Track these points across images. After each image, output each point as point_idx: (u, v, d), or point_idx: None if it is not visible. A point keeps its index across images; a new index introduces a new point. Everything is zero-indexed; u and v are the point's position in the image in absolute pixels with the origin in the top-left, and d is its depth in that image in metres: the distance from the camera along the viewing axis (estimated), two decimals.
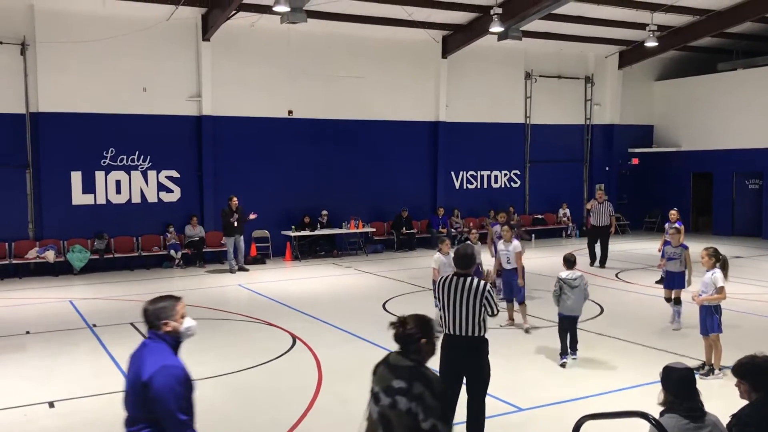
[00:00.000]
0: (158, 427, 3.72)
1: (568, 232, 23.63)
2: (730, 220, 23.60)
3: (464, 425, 5.99)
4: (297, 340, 10.07)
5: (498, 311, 6.14)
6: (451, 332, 5.93)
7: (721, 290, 8.07)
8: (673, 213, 14.52)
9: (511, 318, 10.97)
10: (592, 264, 16.39)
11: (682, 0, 19.05)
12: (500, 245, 11.25)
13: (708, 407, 3.97)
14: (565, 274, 8.99)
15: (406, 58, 20.94)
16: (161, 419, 3.70)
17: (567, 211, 23.77)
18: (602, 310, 11.95)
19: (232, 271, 16.92)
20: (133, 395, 3.79)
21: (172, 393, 3.71)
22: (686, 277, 10.86)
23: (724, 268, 8.22)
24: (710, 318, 8.25)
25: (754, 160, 22.57)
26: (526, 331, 10.51)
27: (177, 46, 17.96)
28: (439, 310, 6.11)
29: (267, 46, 18.88)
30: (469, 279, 5.93)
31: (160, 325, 3.90)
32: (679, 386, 3.88)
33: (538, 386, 8.04)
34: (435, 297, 6.22)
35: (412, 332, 3.75)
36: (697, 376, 8.34)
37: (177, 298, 4.05)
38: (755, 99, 22.36)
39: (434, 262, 10.27)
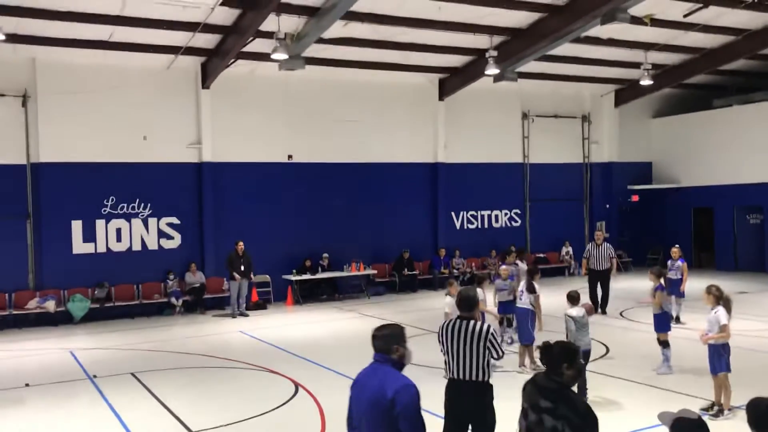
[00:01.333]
0: None
1: (571, 270, 23.51)
2: (732, 255, 23.52)
3: None
4: (299, 388, 9.93)
5: (503, 354, 6.05)
6: (456, 377, 5.85)
7: (723, 328, 7.99)
8: (675, 250, 14.49)
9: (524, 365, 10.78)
10: (596, 310, 14.96)
11: (675, 39, 19.32)
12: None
13: None
14: (572, 311, 8.95)
15: (404, 102, 21.16)
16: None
17: (569, 249, 23.70)
18: (608, 350, 11.82)
19: (233, 315, 16.83)
20: (374, 413, 4.08)
21: (416, 409, 4.09)
22: (673, 315, 10.75)
23: (728, 306, 8.16)
24: (717, 357, 8.15)
25: (753, 194, 22.60)
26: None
27: (177, 95, 18.16)
28: (444, 354, 6.03)
29: (266, 92, 19.10)
30: (472, 322, 5.88)
31: (391, 350, 4.31)
32: (760, 422, 3.76)
33: None
34: (439, 342, 6.15)
35: (556, 357, 4.10)
36: (706, 417, 8.26)
37: (402, 327, 4.52)
38: (752, 134, 22.50)
39: (447, 305, 10.23)
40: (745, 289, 17.91)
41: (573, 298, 9.21)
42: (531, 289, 11.01)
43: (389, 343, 4.33)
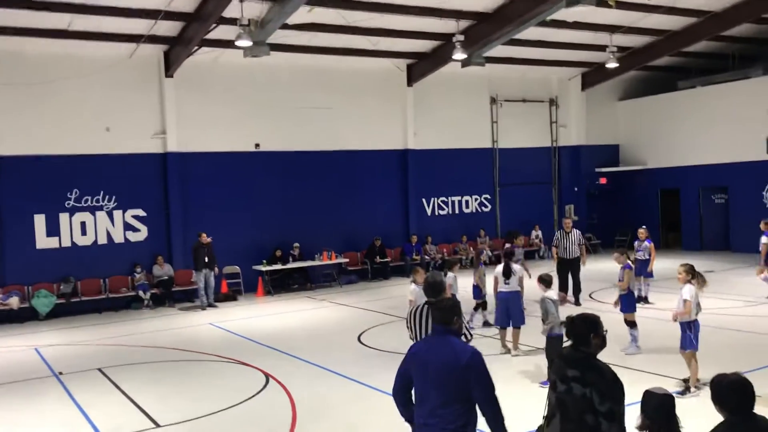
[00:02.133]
0: (469, 404, 4.40)
1: (541, 253, 23.68)
2: (698, 235, 23.89)
3: None
4: (270, 379, 9.83)
5: (471, 337, 6.00)
6: None
7: (684, 303, 8.10)
8: (642, 231, 14.63)
9: (505, 346, 10.85)
10: (577, 303, 14.54)
11: (640, 21, 19.44)
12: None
13: (687, 426, 3.88)
14: (551, 294, 8.97)
15: (373, 88, 21.01)
16: (480, 395, 4.39)
17: (539, 233, 23.85)
18: None
19: (202, 307, 16.64)
20: (447, 378, 4.38)
21: (487, 371, 4.45)
22: (642, 294, 10.90)
23: (701, 284, 8.26)
24: (682, 334, 8.26)
25: (718, 174, 22.94)
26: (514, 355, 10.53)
27: (140, 84, 17.79)
28: (413, 340, 5.97)
29: (231, 80, 18.81)
30: None
31: (452, 321, 4.62)
32: (657, 412, 3.80)
33: (517, 411, 7.89)
34: (408, 328, 6.09)
35: (582, 329, 4.36)
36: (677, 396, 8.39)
37: (458, 300, 5.11)
38: (715, 115, 22.80)
39: (410, 293, 9.96)
40: (711, 267, 18.17)
41: (545, 281, 9.22)
42: (507, 273, 11.04)
43: (450, 315, 4.63)
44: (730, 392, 3.85)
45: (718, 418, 4.00)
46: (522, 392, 8.63)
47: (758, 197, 21.79)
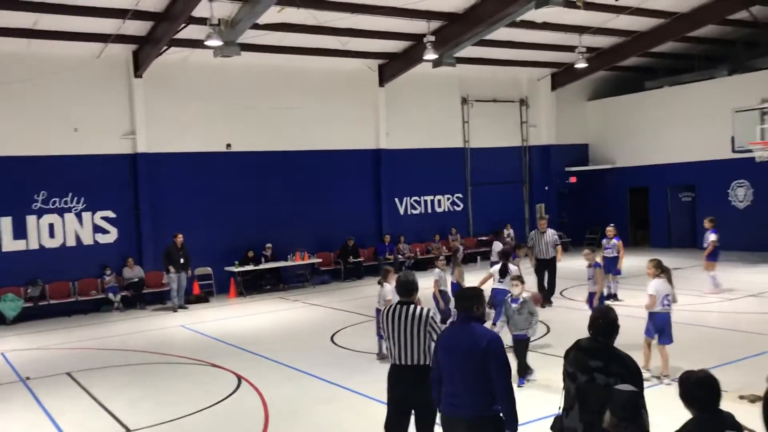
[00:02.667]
0: (490, 386, 4.76)
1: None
2: (666, 232, 24.28)
3: None
4: (242, 381, 9.79)
5: (438, 327, 5.95)
6: (397, 362, 5.82)
7: (649, 297, 8.49)
8: (610, 229, 14.83)
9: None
10: (543, 306, 14.09)
11: (608, 22, 19.70)
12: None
13: (656, 422, 3.97)
14: (515, 291, 9.13)
15: (344, 88, 21.01)
16: (496, 377, 4.76)
17: (511, 231, 24.00)
18: (549, 330, 12.04)
19: (174, 309, 16.52)
20: (471, 361, 4.84)
21: (505, 354, 4.86)
22: (612, 292, 11.14)
23: (668, 278, 8.64)
24: (647, 324, 8.66)
25: (686, 173, 23.34)
26: None
27: (108, 84, 17.57)
28: (385, 340, 6.00)
29: (202, 80, 18.67)
30: (412, 307, 5.84)
31: (473, 308, 5.07)
32: (625, 410, 3.86)
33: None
34: (379, 327, 6.12)
35: (604, 323, 4.61)
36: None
37: (481, 290, 5.36)
38: (682, 115, 23.19)
39: (387, 293, 9.77)
40: (679, 264, 18.48)
41: (517, 278, 9.36)
42: (503, 273, 11.33)
43: (473, 303, 5.10)
44: (698, 389, 3.94)
45: (686, 413, 4.09)
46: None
47: (724, 195, 22.22)
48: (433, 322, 5.79)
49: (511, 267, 11.44)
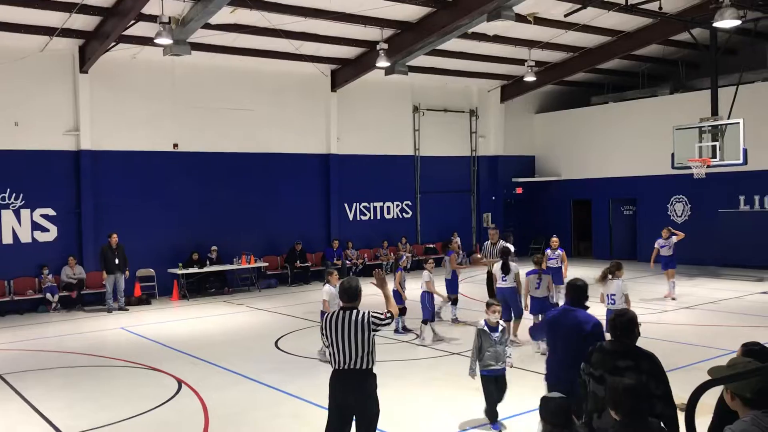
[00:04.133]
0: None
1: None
2: (608, 244, 24.92)
3: None
4: (183, 385, 9.63)
5: (389, 317, 5.88)
6: (339, 367, 5.81)
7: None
8: (554, 240, 15.15)
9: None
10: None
11: (557, 38, 20.17)
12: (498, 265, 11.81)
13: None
14: (492, 319, 7.64)
15: (296, 91, 20.94)
16: None
17: (458, 240, 24.27)
18: None
19: (109, 310, 16.16)
20: (573, 339, 5.83)
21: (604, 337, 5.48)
22: (553, 301, 11.50)
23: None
24: None
25: (628, 187, 24.03)
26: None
27: (52, 79, 17.10)
28: (327, 346, 6.00)
29: (150, 78, 18.35)
30: (354, 312, 5.86)
31: (582, 300, 6.19)
32: (555, 417, 3.96)
33: (429, 416, 8.05)
34: (322, 334, 6.10)
35: (627, 324, 4.82)
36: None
37: (587, 284, 6.36)
38: (625, 130, 23.88)
39: (324, 293, 10.40)
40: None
41: (491, 305, 7.74)
42: (506, 270, 11.52)
43: (582, 294, 6.22)
44: (625, 396, 4.09)
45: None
46: (517, 374, 8.63)
47: (663, 209, 22.96)
48: (374, 319, 5.80)
49: (512, 265, 11.66)
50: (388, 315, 5.91)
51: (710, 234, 21.27)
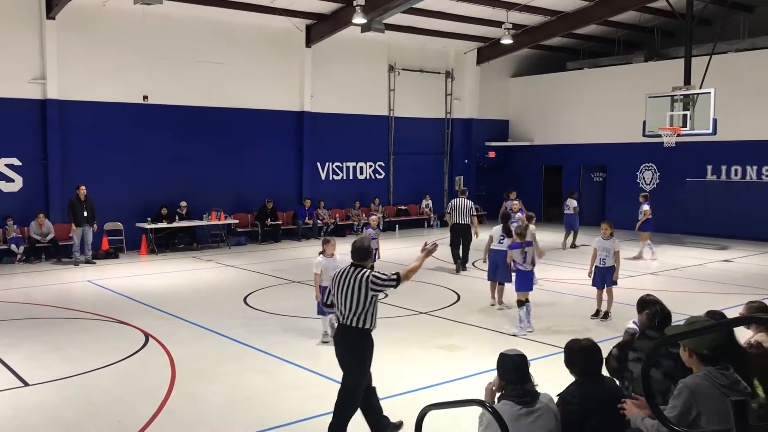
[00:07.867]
0: None
1: (430, 222, 24.26)
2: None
3: None
4: (150, 338, 9.61)
5: (392, 279, 5.81)
6: (341, 321, 6.00)
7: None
8: (516, 203, 15.37)
9: (494, 298, 11.68)
10: (458, 271, 14.94)
11: (535, 0, 20.01)
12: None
13: (542, 386, 4.15)
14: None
15: (270, 46, 20.58)
16: None
17: (429, 202, 24.40)
18: (459, 298, 12.35)
19: (76, 263, 15.97)
20: None
21: None
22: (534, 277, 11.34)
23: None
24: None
25: (598, 154, 24.23)
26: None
27: (17, 24, 16.57)
28: (332, 305, 6.13)
29: (120, 27, 17.86)
30: (360, 270, 5.90)
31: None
32: (511, 372, 4.03)
33: (398, 375, 8.15)
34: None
35: (666, 316, 4.99)
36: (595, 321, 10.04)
37: None
38: (599, 97, 23.97)
39: (316, 266, 9.09)
40: (588, 242, 19.26)
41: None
42: (508, 233, 11.26)
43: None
44: (580, 356, 4.21)
45: (570, 378, 4.32)
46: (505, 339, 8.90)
47: (632, 177, 23.23)
48: (375, 278, 5.83)
49: (513, 225, 11.43)
50: (393, 276, 5.85)
51: (677, 202, 21.63)
